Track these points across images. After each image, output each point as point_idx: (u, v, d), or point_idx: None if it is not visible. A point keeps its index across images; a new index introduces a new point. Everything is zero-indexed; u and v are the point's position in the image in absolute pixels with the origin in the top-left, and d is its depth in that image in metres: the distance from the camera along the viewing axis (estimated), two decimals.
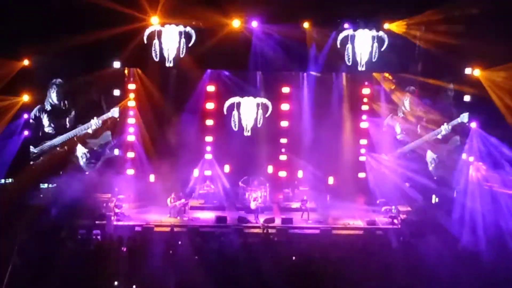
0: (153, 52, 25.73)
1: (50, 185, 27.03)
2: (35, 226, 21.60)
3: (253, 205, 26.36)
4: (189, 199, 27.11)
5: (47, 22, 24.64)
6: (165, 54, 25.84)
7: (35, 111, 27.12)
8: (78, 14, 24.20)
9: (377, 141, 28.71)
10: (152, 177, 27.95)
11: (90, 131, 27.31)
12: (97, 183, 26.87)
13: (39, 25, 24.62)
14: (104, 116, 27.19)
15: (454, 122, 27.83)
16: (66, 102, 27.36)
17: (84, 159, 27.61)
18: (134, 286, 17.19)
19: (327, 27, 26.51)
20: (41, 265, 17.92)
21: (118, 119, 27.50)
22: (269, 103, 28.05)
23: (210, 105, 28.13)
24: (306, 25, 26.20)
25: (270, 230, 24.48)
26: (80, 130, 27.34)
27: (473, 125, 27.41)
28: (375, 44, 26.25)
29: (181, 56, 25.88)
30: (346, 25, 26.35)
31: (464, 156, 27.92)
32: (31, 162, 27.05)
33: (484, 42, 24.30)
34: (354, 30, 26.27)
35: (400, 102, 28.45)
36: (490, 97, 26.53)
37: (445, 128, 27.87)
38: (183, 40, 25.78)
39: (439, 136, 28.13)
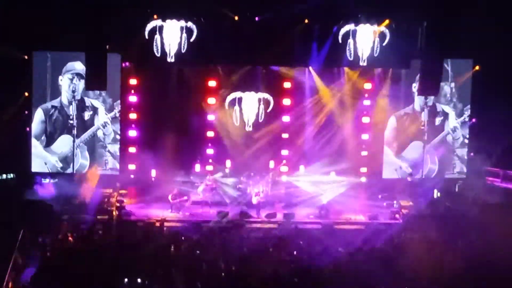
0: (154, 47, 25.69)
1: (51, 180, 27.08)
2: (37, 221, 21.62)
3: (254, 200, 26.37)
4: (191, 194, 27.16)
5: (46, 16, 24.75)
6: (167, 49, 25.79)
7: (41, 107, 27.30)
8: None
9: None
10: (153, 172, 27.96)
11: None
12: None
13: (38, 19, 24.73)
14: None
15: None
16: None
17: None
18: (145, 282, 17.13)
19: (329, 21, 26.46)
20: (43, 261, 17.93)
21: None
22: (270, 98, 28.01)
23: (211, 100, 28.10)
24: (307, 20, 26.16)
25: (271, 225, 24.58)
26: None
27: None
28: (377, 39, 26.18)
29: (183, 51, 25.83)
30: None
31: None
32: None
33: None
34: (356, 25, 26.20)
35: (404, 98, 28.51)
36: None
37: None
38: (184, 35, 25.72)
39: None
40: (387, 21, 26.07)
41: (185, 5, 25.52)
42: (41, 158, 27.45)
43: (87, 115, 27.70)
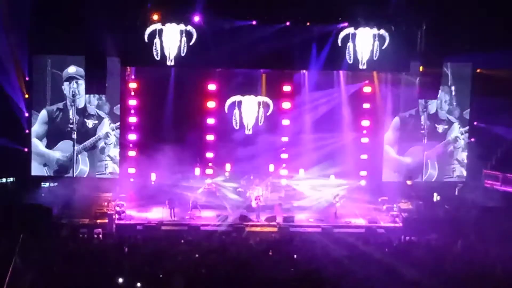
0: (154, 50, 25.66)
1: (51, 184, 27.09)
2: (37, 225, 21.61)
3: (254, 204, 26.35)
4: (190, 197, 27.20)
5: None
6: (166, 53, 25.76)
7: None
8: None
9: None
10: (153, 176, 27.97)
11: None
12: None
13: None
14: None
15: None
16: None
17: None
18: (138, 284, 17.13)
19: (328, 25, 26.46)
20: (43, 265, 17.90)
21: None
22: (270, 102, 28.03)
23: (211, 104, 28.12)
24: (307, 23, 26.17)
25: (271, 229, 24.61)
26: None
27: None
28: (376, 43, 26.14)
29: (182, 54, 25.80)
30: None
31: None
32: None
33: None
34: (355, 29, 26.19)
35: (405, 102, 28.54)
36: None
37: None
38: (184, 38, 25.70)
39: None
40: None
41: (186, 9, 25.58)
42: (42, 158, 27.53)
43: (91, 123, 27.73)
